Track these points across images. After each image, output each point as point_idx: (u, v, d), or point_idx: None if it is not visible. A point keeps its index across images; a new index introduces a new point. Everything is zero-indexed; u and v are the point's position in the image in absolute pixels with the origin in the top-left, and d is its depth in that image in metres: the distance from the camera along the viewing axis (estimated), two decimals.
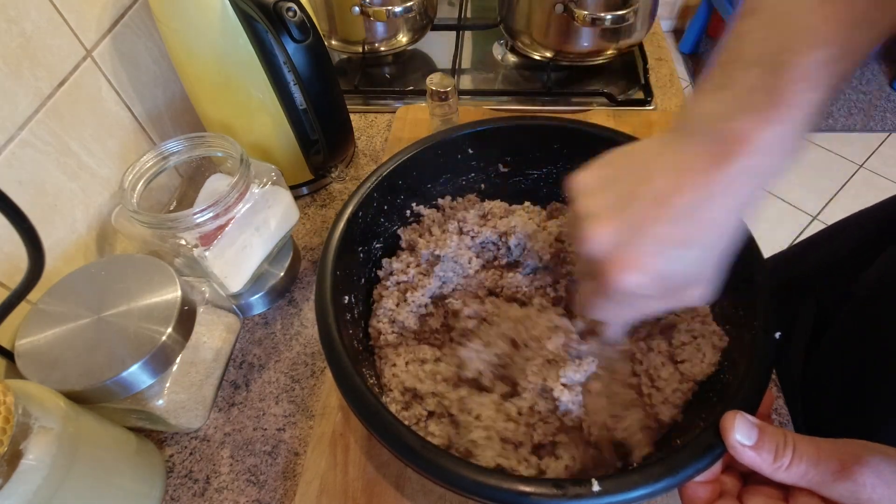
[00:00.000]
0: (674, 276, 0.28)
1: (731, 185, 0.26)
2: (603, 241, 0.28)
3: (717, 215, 0.26)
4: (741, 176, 0.25)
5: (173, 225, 0.41)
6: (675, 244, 0.27)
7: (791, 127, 0.24)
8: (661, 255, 0.27)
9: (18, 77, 0.42)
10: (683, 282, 0.28)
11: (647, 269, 0.27)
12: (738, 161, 0.25)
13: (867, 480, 0.25)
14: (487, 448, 0.35)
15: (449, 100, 0.56)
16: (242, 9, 0.46)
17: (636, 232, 0.27)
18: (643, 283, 0.27)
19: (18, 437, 0.29)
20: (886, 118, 1.98)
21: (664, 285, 0.28)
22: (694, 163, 0.26)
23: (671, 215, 0.26)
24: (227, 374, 0.49)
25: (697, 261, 0.28)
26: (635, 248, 0.27)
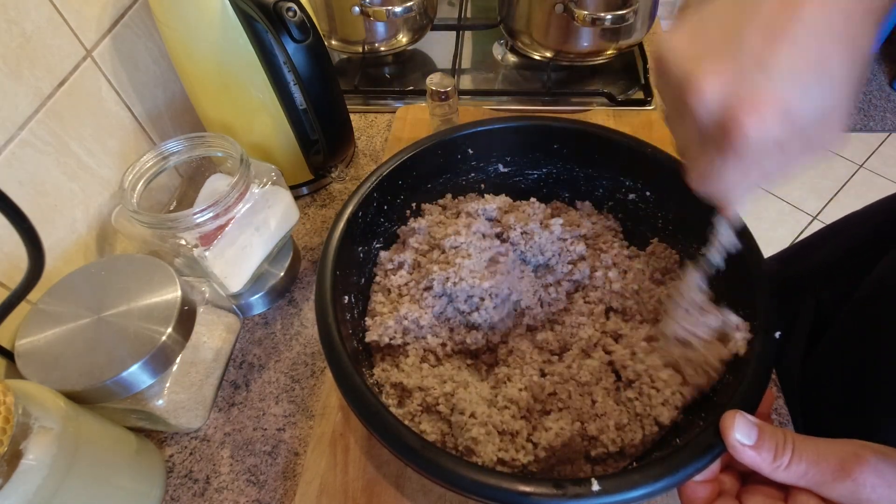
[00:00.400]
0: (810, 111, 0.23)
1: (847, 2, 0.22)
2: (719, 88, 0.24)
3: (843, 29, 0.23)
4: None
5: (173, 225, 0.41)
6: (807, 69, 0.23)
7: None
8: (791, 89, 0.23)
9: (18, 77, 0.42)
10: (820, 118, 0.24)
11: (779, 107, 0.23)
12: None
13: (867, 480, 0.25)
14: (488, 444, 0.35)
15: (449, 100, 0.56)
16: (242, 9, 0.46)
17: (755, 69, 0.23)
18: (777, 126, 0.23)
19: (18, 437, 0.29)
20: (886, 118, 1.98)
21: (799, 126, 0.24)
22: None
23: (791, 39, 0.22)
24: (227, 374, 0.49)
25: (833, 88, 0.23)
26: (761, 85, 0.23)
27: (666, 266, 0.45)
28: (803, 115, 0.23)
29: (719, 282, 0.40)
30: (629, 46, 0.72)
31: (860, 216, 0.55)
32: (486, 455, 0.34)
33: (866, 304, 0.46)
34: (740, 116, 0.23)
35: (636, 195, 0.47)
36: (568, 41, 0.70)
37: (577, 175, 0.50)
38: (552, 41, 0.71)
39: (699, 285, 0.37)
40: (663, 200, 0.46)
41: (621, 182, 0.48)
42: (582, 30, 0.67)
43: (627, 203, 0.48)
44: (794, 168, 0.26)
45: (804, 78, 0.23)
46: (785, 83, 0.23)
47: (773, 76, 0.23)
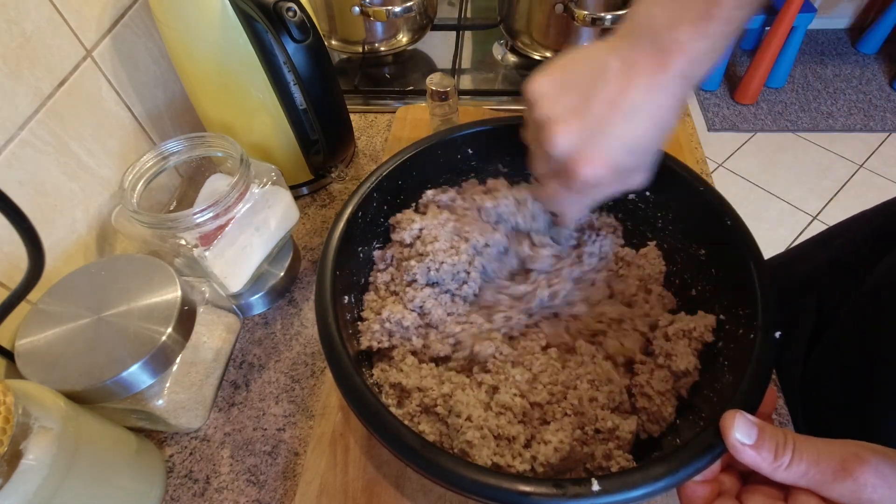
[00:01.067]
0: (629, 164, 0.33)
1: (670, 86, 0.31)
2: (567, 142, 0.32)
3: (660, 111, 0.31)
4: (678, 78, 0.31)
5: (173, 225, 0.41)
6: (629, 139, 0.32)
7: (719, 40, 0.30)
8: (619, 149, 0.32)
9: (18, 77, 0.42)
10: (634, 168, 0.34)
11: (608, 163, 0.32)
12: (676, 66, 0.30)
13: (868, 480, 0.25)
14: (483, 447, 0.35)
15: (449, 100, 0.56)
16: (242, 9, 0.46)
17: (596, 132, 0.32)
18: (604, 175, 0.32)
19: (18, 437, 0.29)
20: (886, 118, 1.98)
21: (619, 173, 0.33)
22: (641, 67, 0.31)
23: (625, 114, 0.31)
24: (227, 374, 0.49)
25: (644, 151, 0.33)
26: (597, 146, 0.32)
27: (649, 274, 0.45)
28: (624, 167, 0.33)
29: (720, 282, 0.40)
30: None
31: (862, 217, 0.55)
32: (480, 459, 0.34)
33: (867, 304, 0.46)
34: (580, 166, 0.32)
35: (636, 195, 0.47)
36: (568, 41, 0.70)
37: None
38: (552, 41, 0.71)
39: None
40: (663, 201, 0.46)
41: None
42: (582, 30, 0.67)
43: (627, 203, 0.48)
44: (610, 195, 0.36)
45: (628, 143, 0.32)
46: (614, 146, 0.32)
47: (608, 139, 0.32)
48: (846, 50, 2.26)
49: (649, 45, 0.31)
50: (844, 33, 2.33)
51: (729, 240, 0.39)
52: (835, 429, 0.48)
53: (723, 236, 0.40)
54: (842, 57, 2.23)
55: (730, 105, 2.09)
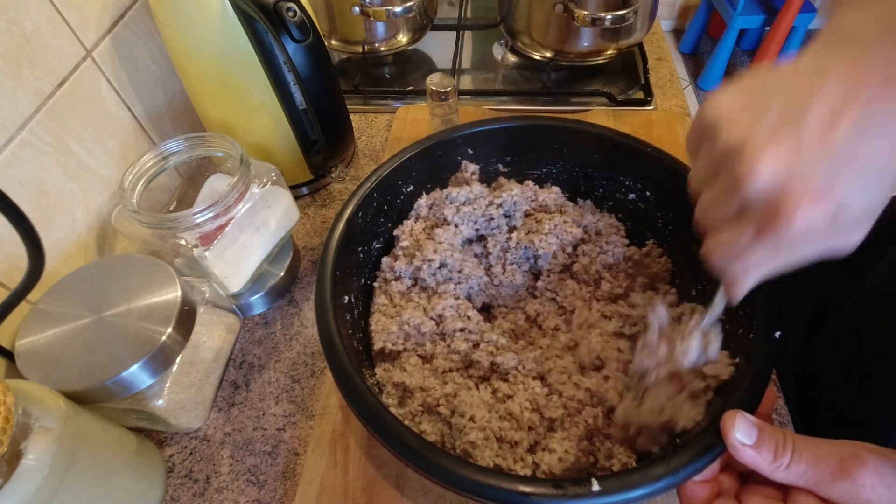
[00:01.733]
0: (859, 210, 0.23)
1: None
2: (773, 171, 0.23)
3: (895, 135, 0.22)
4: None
5: (173, 225, 0.41)
6: (858, 170, 0.23)
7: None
8: (844, 184, 0.23)
9: (18, 77, 0.42)
10: (856, 216, 0.24)
11: (830, 201, 0.22)
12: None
13: (867, 481, 0.25)
14: (485, 448, 0.35)
15: (449, 100, 0.56)
16: (242, 9, 0.46)
17: (812, 158, 0.22)
18: (822, 219, 0.23)
19: (18, 437, 0.29)
20: None
21: (843, 223, 0.23)
22: (865, 77, 0.22)
23: (849, 137, 0.22)
24: (227, 374, 0.49)
25: (875, 189, 0.23)
26: (815, 177, 0.22)
27: (656, 272, 0.45)
28: (852, 213, 0.23)
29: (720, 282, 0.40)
30: (629, 46, 0.72)
31: None
32: (482, 461, 0.34)
33: (867, 303, 0.46)
34: (793, 203, 0.23)
35: (636, 195, 0.47)
36: (568, 41, 0.70)
37: (577, 175, 0.50)
38: (552, 41, 0.71)
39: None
40: (663, 200, 0.46)
41: (621, 182, 0.48)
42: (582, 30, 0.67)
43: (627, 203, 0.48)
44: (807, 260, 0.26)
45: (860, 177, 0.23)
46: (841, 180, 0.22)
47: (832, 170, 0.22)
48: None
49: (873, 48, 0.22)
50: None
51: None
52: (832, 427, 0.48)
53: None
54: None
55: None
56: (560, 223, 0.47)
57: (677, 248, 0.45)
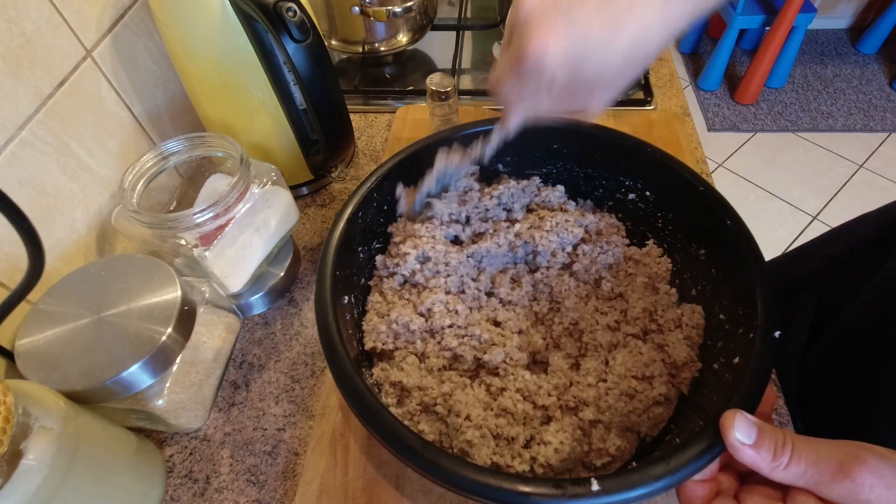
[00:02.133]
0: (586, 67, 0.28)
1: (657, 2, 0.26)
2: (531, 6, 0.28)
3: (645, 22, 0.27)
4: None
5: (173, 225, 0.41)
6: (601, 34, 0.27)
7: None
8: (583, 39, 0.27)
9: (18, 77, 0.42)
10: (592, 79, 0.28)
11: (564, 46, 0.27)
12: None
13: (866, 481, 0.25)
14: (482, 447, 0.35)
15: (449, 100, 0.56)
16: (242, 9, 0.46)
17: (566, 10, 0.27)
18: (555, 59, 0.27)
19: (18, 437, 0.29)
20: (886, 118, 1.98)
21: (573, 75, 0.28)
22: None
23: (601, 8, 0.26)
24: (227, 374, 0.49)
25: (614, 63, 0.28)
26: (560, 20, 0.27)
27: (656, 272, 0.45)
28: (579, 67, 0.28)
29: (720, 282, 0.40)
30: None
31: (864, 219, 0.55)
32: (480, 459, 0.34)
33: (871, 305, 0.46)
34: (532, 36, 0.27)
35: (636, 195, 0.47)
36: None
37: (577, 175, 0.50)
38: None
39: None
40: (663, 200, 0.46)
41: (621, 182, 0.48)
42: None
43: (627, 203, 0.48)
44: (557, 109, 0.31)
45: (595, 40, 0.27)
46: (579, 32, 0.27)
47: (573, 23, 0.27)
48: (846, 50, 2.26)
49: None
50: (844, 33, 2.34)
51: (729, 240, 0.39)
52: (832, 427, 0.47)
53: (723, 236, 0.40)
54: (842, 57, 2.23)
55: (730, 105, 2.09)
56: (562, 221, 0.47)
57: (677, 248, 0.45)
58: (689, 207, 0.43)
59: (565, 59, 0.28)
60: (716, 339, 0.39)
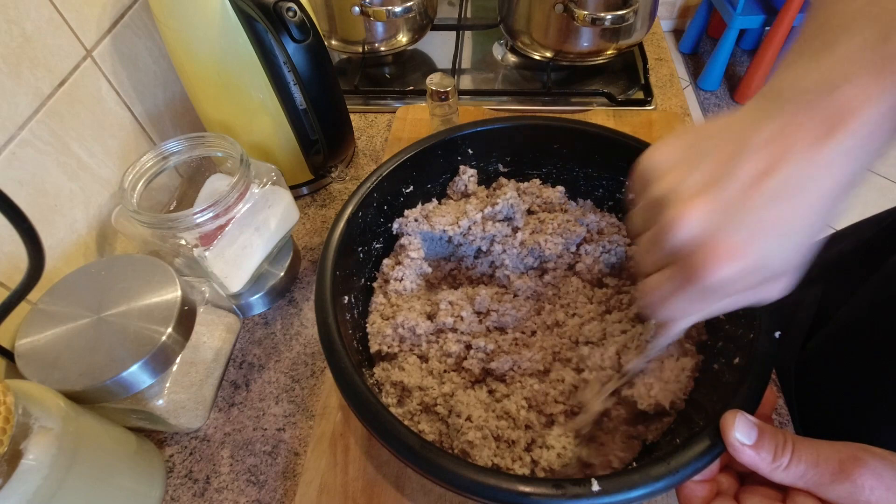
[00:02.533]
0: (769, 265, 0.25)
1: (835, 163, 0.23)
2: (696, 224, 0.24)
3: (820, 196, 0.23)
4: (847, 152, 0.23)
5: (173, 225, 0.41)
6: (778, 229, 0.24)
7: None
8: (763, 242, 0.24)
9: (18, 77, 0.42)
10: (776, 272, 0.25)
11: (748, 257, 0.24)
12: (844, 135, 0.22)
13: (866, 482, 0.25)
14: (483, 448, 0.35)
15: (449, 100, 0.56)
16: (242, 9, 0.46)
17: (735, 214, 0.24)
18: (739, 274, 0.24)
19: (18, 437, 0.29)
20: None
21: (756, 276, 0.25)
22: (795, 137, 0.23)
23: (773, 196, 0.23)
24: (227, 374, 0.49)
25: (794, 247, 0.25)
26: (735, 233, 0.24)
27: None
28: (763, 268, 0.25)
29: None
30: (629, 46, 0.72)
31: (871, 220, 0.54)
32: (481, 460, 0.34)
33: (872, 304, 0.45)
34: (709, 256, 0.24)
35: None
36: (568, 41, 0.70)
37: (577, 175, 0.50)
38: (552, 41, 0.71)
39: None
40: None
41: (621, 182, 0.48)
42: (582, 30, 0.67)
43: (627, 203, 0.48)
44: (735, 308, 0.27)
45: (774, 237, 0.24)
46: (757, 235, 0.24)
47: (748, 228, 0.24)
48: None
49: (806, 108, 0.23)
50: None
51: None
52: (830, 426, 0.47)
53: None
54: None
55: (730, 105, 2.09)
56: (564, 222, 0.47)
57: None
58: None
59: (744, 272, 0.24)
60: (716, 339, 0.39)
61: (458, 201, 0.50)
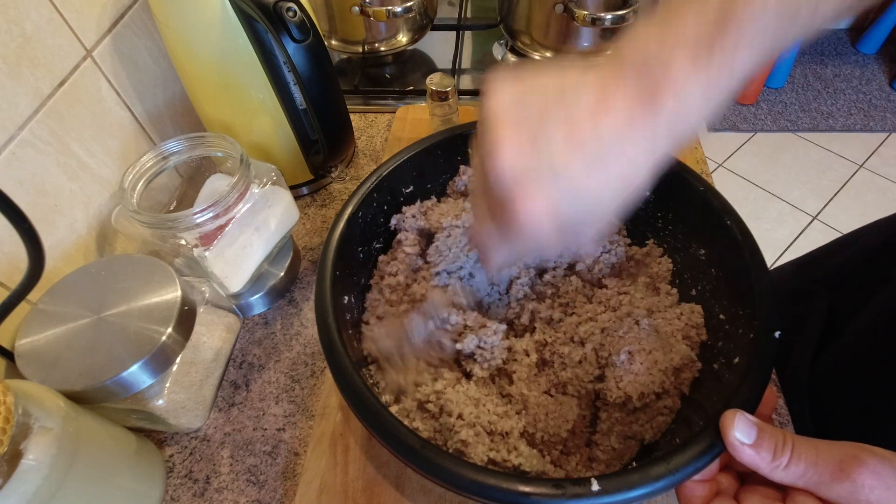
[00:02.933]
0: (576, 217, 0.26)
1: (651, 127, 0.24)
2: (510, 170, 0.26)
3: (628, 162, 0.25)
4: (663, 120, 0.24)
5: (173, 225, 0.41)
6: (583, 188, 0.25)
7: (724, 82, 0.24)
8: (567, 198, 0.25)
9: (18, 77, 0.42)
10: (581, 222, 0.27)
11: (551, 209, 0.26)
12: (664, 104, 0.24)
13: (866, 482, 0.25)
14: (477, 445, 0.35)
15: (449, 100, 0.56)
16: (242, 9, 0.46)
17: (547, 168, 0.25)
18: (543, 223, 0.26)
19: (18, 437, 0.29)
20: (886, 118, 1.98)
21: (562, 224, 0.26)
22: (618, 102, 0.24)
23: (585, 155, 0.25)
24: (227, 374, 0.49)
25: (598, 207, 0.27)
26: (543, 185, 0.25)
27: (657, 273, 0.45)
28: (569, 219, 0.26)
29: (720, 282, 0.40)
30: None
31: (878, 224, 0.54)
32: (476, 457, 0.34)
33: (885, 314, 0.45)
34: (519, 203, 0.26)
35: None
36: (568, 41, 0.70)
37: None
38: (552, 41, 0.71)
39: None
40: (663, 201, 0.46)
41: None
42: (582, 30, 0.67)
43: None
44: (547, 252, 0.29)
45: (580, 193, 0.25)
46: (563, 191, 0.25)
47: (558, 181, 0.25)
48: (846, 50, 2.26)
49: (634, 76, 0.24)
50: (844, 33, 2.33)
51: (729, 240, 0.39)
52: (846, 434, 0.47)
53: (723, 236, 0.40)
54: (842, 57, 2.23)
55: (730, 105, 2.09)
56: None
57: (677, 248, 0.45)
58: (689, 207, 0.43)
59: (557, 220, 0.26)
60: (716, 339, 0.39)
61: (457, 200, 0.50)
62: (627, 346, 0.38)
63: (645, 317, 0.41)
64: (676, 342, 0.39)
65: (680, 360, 0.38)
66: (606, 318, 0.42)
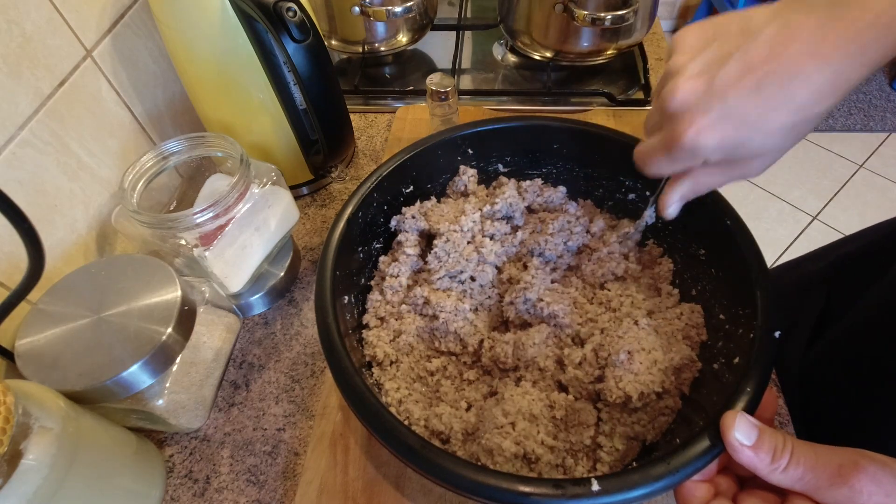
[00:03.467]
0: (743, 149, 0.28)
1: (833, 62, 0.24)
2: (685, 97, 0.28)
3: (806, 93, 0.25)
4: (849, 52, 0.24)
5: (173, 225, 0.41)
6: (758, 119, 0.27)
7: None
8: (738, 125, 0.27)
9: (18, 77, 0.42)
10: (748, 156, 0.29)
11: (720, 136, 0.27)
12: (850, 34, 0.23)
13: (864, 487, 0.25)
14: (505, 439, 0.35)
15: (449, 100, 0.56)
16: (242, 9, 0.46)
17: (718, 97, 0.27)
18: (709, 148, 0.28)
19: (18, 437, 0.29)
20: (886, 118, 1.98)
21: (729, 156, 0.28)
22: (801, 33, 0.25)
23: (759, 87, 0.26)
24: (227, 374, 0.49)
25: (773, 141, 0.28)
26: (715, 110, 0.27)
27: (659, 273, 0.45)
28: (735, 151, 0.28)
29: (720, 282, 0.40)
30: (629, 46, 0.72)
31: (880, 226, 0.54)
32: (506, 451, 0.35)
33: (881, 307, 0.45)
34: (686, 128, 0.28)
35: (636, 195, 0.47)
36: (568, 41, 0.70)
37: (577, 175, 0.50)
38: (552, 41, 0.71)
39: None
40: None
41: (621, 182, 0.48)
42: (582, 30, 0.67)
43: (627, 203, 0.48)
44: (713, 183, 0.32)
45: (751, 125, 0.27)
46: (734, 122, 0.27)
47: (729, 111, 0.27)
48: None
49: (823, 8, 0.24)
50: None
51: (729, 240, 0.39)
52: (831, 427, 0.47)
53: (723, 236, 0.40)
54: None
55: None
56: (564, 223, 0.47)
57: (677, 248, 0.45)
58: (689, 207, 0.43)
59: (721, 147, 0.28)
60: (716, 339, 0.39)
61: (457, 200, 0.50)
62: (627, 346, 0.38)
63: (644, 317, 0.41)
64: (676, 342, 0.39)
65: (680, 359, 0.38)
66: (606, 318, 0.42)
